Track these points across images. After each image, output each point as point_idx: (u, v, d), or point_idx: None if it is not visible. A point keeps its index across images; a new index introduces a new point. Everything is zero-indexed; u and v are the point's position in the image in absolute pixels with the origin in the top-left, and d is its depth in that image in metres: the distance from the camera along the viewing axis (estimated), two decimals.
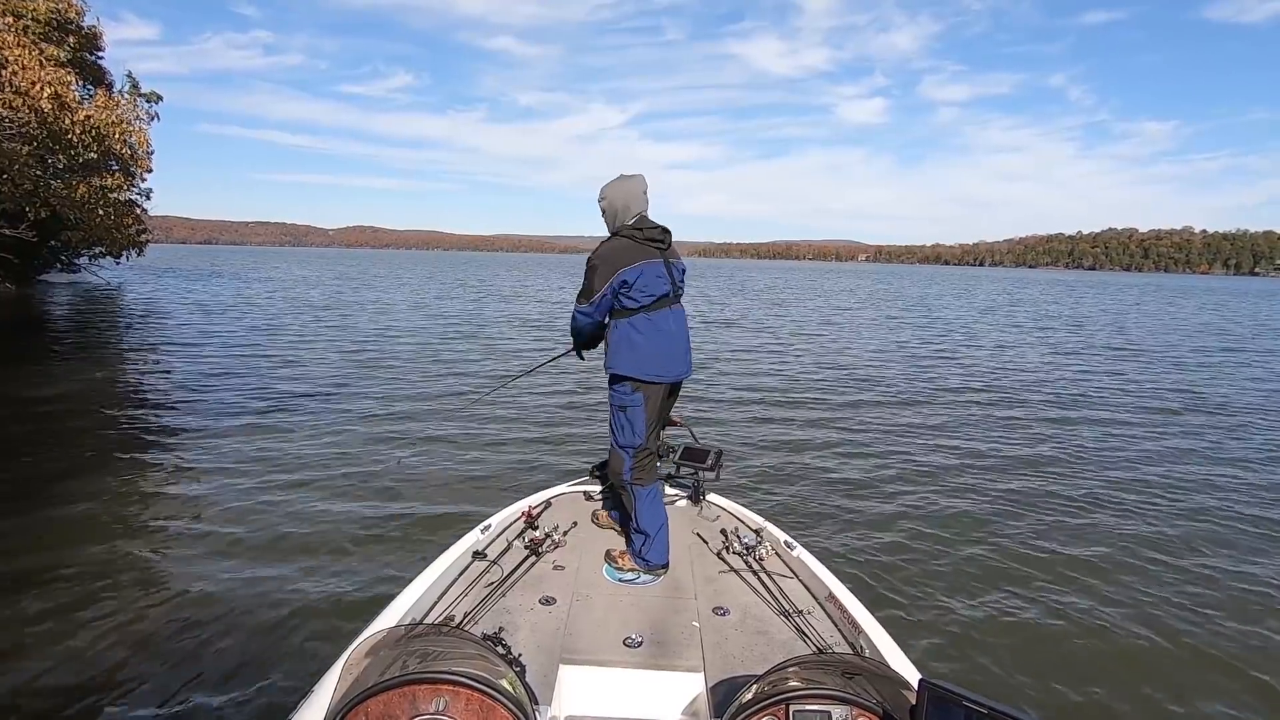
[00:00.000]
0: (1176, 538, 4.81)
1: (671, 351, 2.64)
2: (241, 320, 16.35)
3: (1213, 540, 4.77)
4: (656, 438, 2.77)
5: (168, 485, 5.34)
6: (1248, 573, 4.30)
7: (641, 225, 2.63)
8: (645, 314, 2.58)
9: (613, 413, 2.69)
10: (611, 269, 2.54)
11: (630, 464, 2.66)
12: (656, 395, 2.63)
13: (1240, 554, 4.57)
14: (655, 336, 2.60)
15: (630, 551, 2.62)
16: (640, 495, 2.63)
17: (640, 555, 2.57)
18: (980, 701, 1.27)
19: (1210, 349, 16.56)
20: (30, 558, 3.98)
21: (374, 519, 4.72)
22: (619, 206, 2.65)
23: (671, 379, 2.67)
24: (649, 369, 2.60)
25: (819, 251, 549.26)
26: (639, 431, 2.63)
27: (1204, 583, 4.15)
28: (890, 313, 25.94)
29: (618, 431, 2.69)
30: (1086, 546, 4.62)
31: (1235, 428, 8.30)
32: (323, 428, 7.01)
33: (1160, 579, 4.19)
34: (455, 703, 1.35)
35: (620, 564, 2.58)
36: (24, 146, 11.77)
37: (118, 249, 21.06)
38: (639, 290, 2.56)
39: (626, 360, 2.59)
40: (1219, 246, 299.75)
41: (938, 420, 8.25)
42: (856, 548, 4.49)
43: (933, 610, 3.73)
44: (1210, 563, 4.43)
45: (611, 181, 2.70)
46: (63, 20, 14.60)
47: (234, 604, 3.57)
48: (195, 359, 10.83)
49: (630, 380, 2.60)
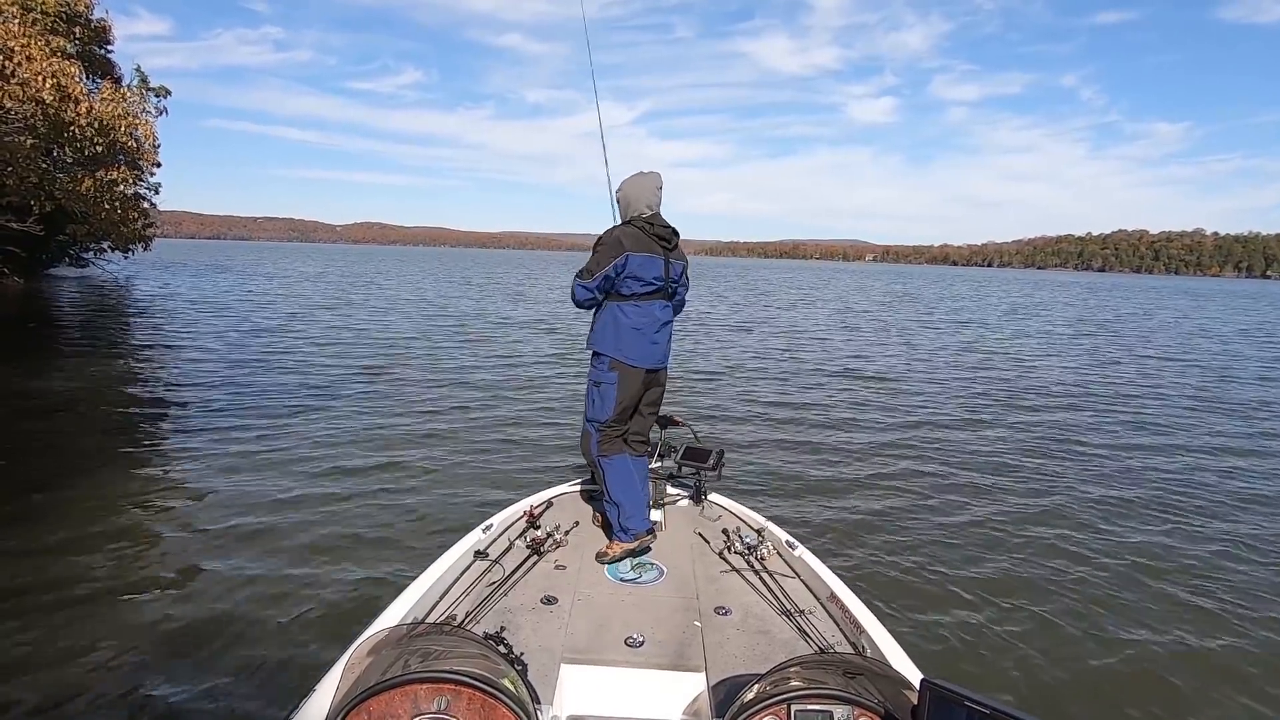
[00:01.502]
0: (1186, 547, 4.74)
1: (652, 341, 2.79)
2: (245, 317, 16.38)
3: (1229, 555, 4.65)
4: (626, 419, 2.87)
5: (168, 484, 5.35)
6: (1262, 580, 4.27)
7: (653, 221, 2.77)
8: (635, 301, 2.74)
9: (588, 387, 2.85)
10: (615, 252, 2.67)
11: (597, 438, 2.81)
12: (631, 379, 2.77)
13: (1256, 566, 4.51)
14: (639, 324, 2.74)
15: (613, 532, 2.70)
16: (607, 467, 2.77)
17: (621, 528, 2.65)
18: (982, 701, 1.27)
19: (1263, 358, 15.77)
20: (30, 554, 4.00)
21: (376, 518, 4.72)
22: (632, 198, 2.79)
23: (646, 366, 2.81)
24: (627, 352, 2.75)
25: (826, 251, 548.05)
26: (609, 408, 2.77)
27: (1212, 589, 4.12)
28: (899, 314, 25.86)
29: (589, 405, 2.84)
30: (1091, 550, 4.59)
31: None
32: (325, 427, 7.02)
33: (1166, 584, 4.16)
34: (457, 702, 1.35)
35: (611, 552, 2.62)
36: (28, 139, 11.66)
37: (124, 243, 20.85)
38: (634, 278, 2.70)
39: (609, 340, 2.76)
40: (1230, 249, 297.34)
41: (941, 421, 8.22)
42: (858, 547, 4.48)
43: (935, 610, 3.72)
44: (1220, 570, 4.39)
45: (630, 177, 2.83)
46: (71, 13, 14.57)
47: (235, 602, 3.58)
48: (198, 356, 10.86)
49: (607, 358, 2.76)
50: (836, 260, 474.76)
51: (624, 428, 2.86)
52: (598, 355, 2.80)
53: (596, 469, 2.82)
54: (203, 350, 11.35)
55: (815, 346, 15.08)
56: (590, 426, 2.83)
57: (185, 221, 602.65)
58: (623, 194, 2.81)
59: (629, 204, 2.79)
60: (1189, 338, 19.82)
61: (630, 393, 2.79)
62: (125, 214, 16.69)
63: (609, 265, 2.67)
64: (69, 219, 17.35)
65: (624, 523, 2.66)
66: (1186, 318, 28.57)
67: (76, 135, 12.13)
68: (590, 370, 2.85)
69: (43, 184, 13.16)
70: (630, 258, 2.66)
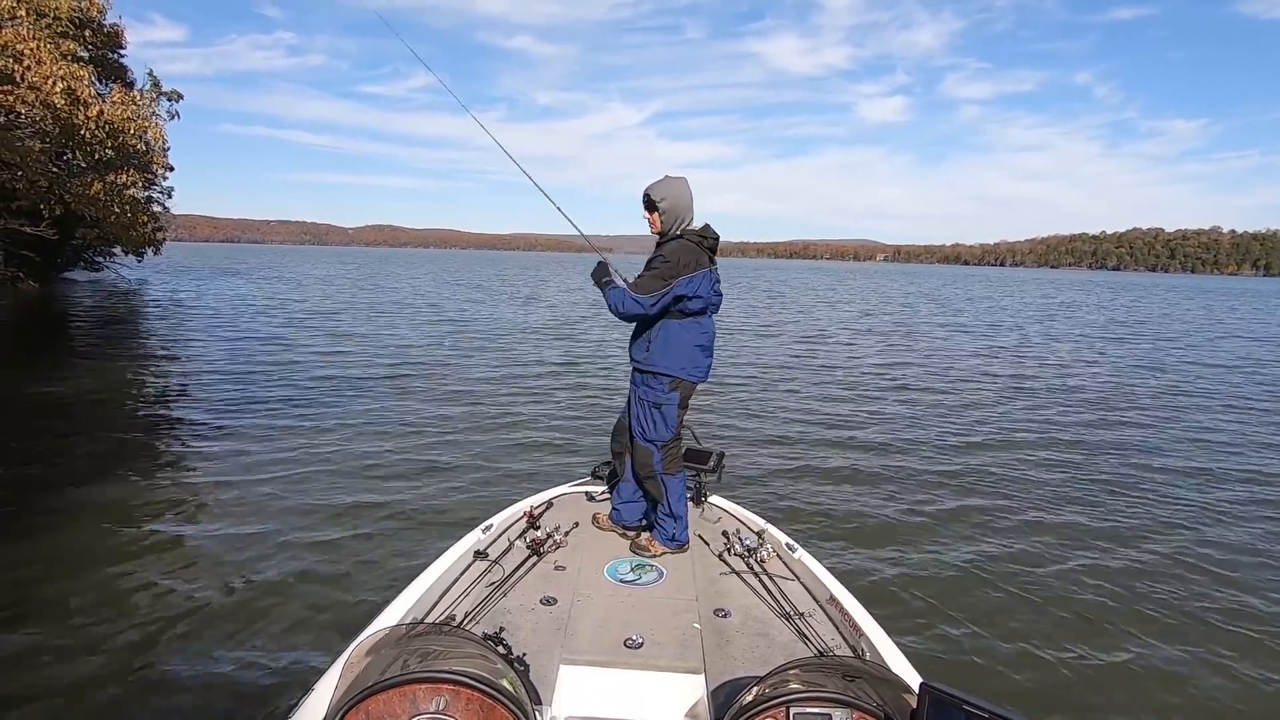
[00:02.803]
0: (1192, 551, 4.68)
1: (706, 354, 2.77)
2: (255, 321, 16.48)
3: (1238, 565, 4.53)
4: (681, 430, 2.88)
5: (172, 484, 5.41)
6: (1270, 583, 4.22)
7: (705, 233, 2.69)
8: (695, 318, 2.69)
9: (644, 409, 2.74)
10: (679, 271, 2.59)
11: (661, 457, 2.76)
12: (687, 394, 2.75)
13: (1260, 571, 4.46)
14: (701, 340, 2.72)
15: (660, 537, 2.72)
16: (671, 484, 2.75)
17: (674, 539, 2.71)
18: (981, 705, 1.26)
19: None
20: (37, 552, 4.06)
21: (375, 518, 4.76)
22: (681, 208, 2.67)
23: (702, 379, 2.79)
24: (690, 370, 2.71)
25: (836, 251, 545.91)
26: (671, 427, 2.74)
27: (1220, 597, 4.06)
28: (907, 316, 25.71)
29: (647, 427, 2.74)
30: (1090, 553, 4.55)
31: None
32: (326, 428, 7.08)
33: (1171, 589, 4.11)
34: (455, 702, 1.35)
35: (651, 549, 2.69)
36: (38, 143, 11.73)
37: (134, 246, 20.87)
38: (696, 296, 2.64)
39: (672, 359, 2.68)
40: (1248, 246, 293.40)
41: (942, 423, 8.17)
42: (858, 550, 4.47)
43: (934, 613, 3.71)
44: (1228, 575, 4.33)
45: (667, 181, 2.69)
46: (85, 19, 14.66)
47: (236, 601, 3.61)
48: (208, 359, 10.95)
49: (669, 377, 2.69)
50: (847, 260, 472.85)
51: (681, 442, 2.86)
52: (656, 375, 2.69)
53: (655, 483, 2.76)
54: (208, 353, 11.46)
55: (815, 346, 15.04)
56: (652, 446, 2.75)
57: (199, 225, 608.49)
58: (669, 202, 2.65)
59: (677, 214, 2.66)
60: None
61: (685, 407, 2.77)
62: (135, 218, 16.72)
63: (677, 284, 2.56)
64: (79, 223, 17.38)
65: (680, 536, 2.71)
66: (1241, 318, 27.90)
67: (87, 139, 12.20)
68: (644, 390, 2.73)
69: (53, 188, 13.22)
70: (694, 278, 2.59)
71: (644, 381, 2.73)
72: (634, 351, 2.77)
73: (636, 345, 2.76)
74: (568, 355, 12.37)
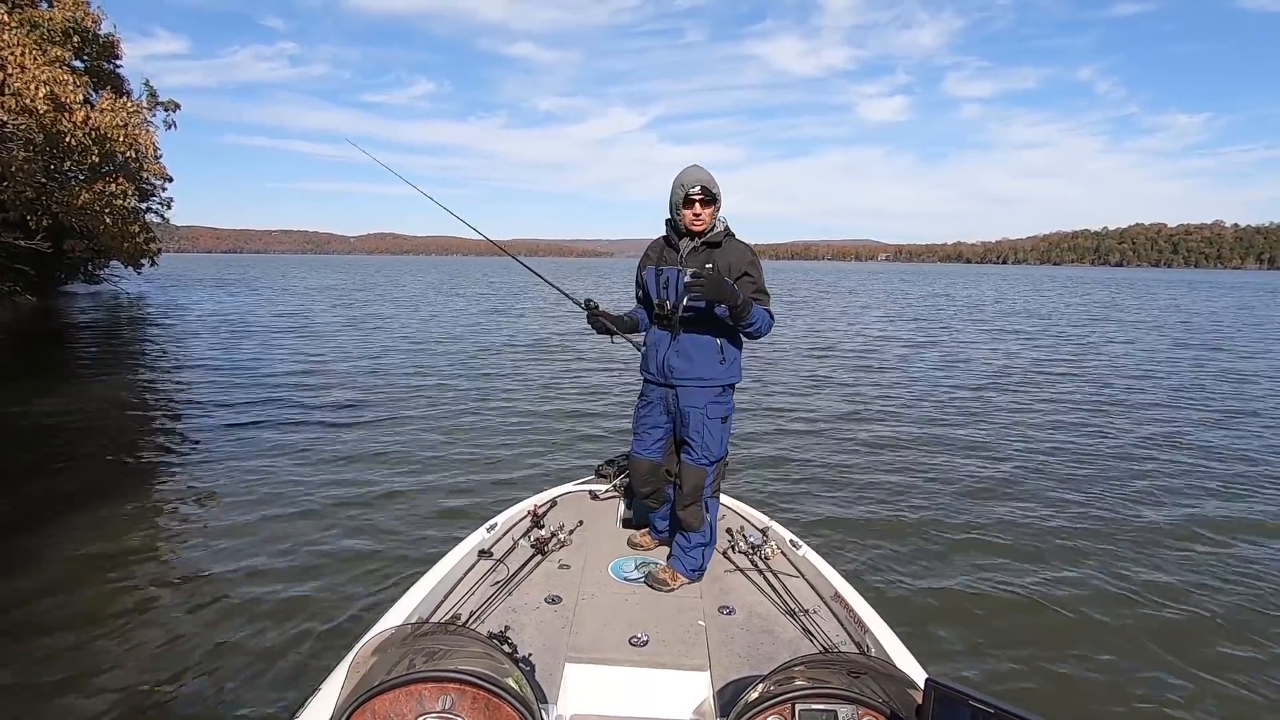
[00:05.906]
0: (1212, 555, 4.56)
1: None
2: (254, 333, 16.35)
3: (1248, 572, 4.36)
4: None
5: (175, 487, 5.44)
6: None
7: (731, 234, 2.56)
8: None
9: (711, 426, 2.48)
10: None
11: (713, 475, 2.52)
12: None
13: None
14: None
15: (685, 567, 2.43)
16: (714, 508, 2.55)
17: (700, 569, 2.46)
18: (986, 701, 1.26)
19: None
20: (40, 561, 4.07)
21: (380, 519, 4.77)
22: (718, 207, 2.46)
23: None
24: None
25: (838, 251, 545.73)
26: (728, 438, 2.56)
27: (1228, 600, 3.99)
28: (907, 314, 25.68)
29: (712, 446, 2.48)
30: (1098, 550, 4.51)
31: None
32: (328, 430, 7.10)
33: (1186, 592, 4.04)
34: (461, 701, 1.36)
35: (670, 584, 2.39)
36: (20, 151, 11.25)
37: (126, 258, 19.92)
38: None
39: (740, 367, 2.56)
40: (1252, 240, 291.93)
41: (946, 421, 8.14)
42: (862, 547, 4.45)
43: (939, 609, 3.69)
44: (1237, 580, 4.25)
45: (706, 173, 2.43)
46: (79, 29, 14.36)
47: (241, 602, 3.63)
48: (207, 370, 10.92)
49: (734, 387, 2.56)
50: (849, 260, 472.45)
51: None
52: (729, 388, 2.53)
53: (697, 508, 2.46)
54: (208, 365, 11.39)
55: (815, 346, 14.99)
56: (709, 468, 2.49)
57: (202, 236, 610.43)
58: (721, 200, 2.46)
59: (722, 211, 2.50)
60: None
61: None
62: (125, 228, 16.19)
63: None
64: (68, 234, 16.71)
65: (706, 565, 2.48)
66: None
67: (73, 145, 11.80)
68: (713, 407, 2.47)
69: (39, 198, 12.78)
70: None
71: (715, 398, 2.48)
72: (699, 369, 2.45)
73: (703, 362, 2.45)
74: (568, 355, 12.34)
